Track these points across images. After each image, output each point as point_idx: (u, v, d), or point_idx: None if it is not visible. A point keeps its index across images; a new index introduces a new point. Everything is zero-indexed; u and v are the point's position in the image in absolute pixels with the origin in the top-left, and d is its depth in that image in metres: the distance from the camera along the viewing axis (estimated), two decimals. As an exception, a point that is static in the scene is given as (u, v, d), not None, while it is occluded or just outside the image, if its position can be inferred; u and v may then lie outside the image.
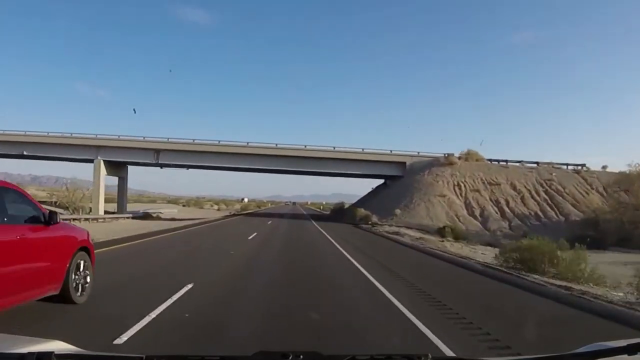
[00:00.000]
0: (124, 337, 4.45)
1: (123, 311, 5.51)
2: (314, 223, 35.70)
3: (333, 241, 19.08)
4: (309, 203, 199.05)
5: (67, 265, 5.47)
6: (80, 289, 5.75)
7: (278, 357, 1.49)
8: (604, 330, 5.76)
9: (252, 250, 14.24)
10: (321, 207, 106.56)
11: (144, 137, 41.50)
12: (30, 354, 1.38)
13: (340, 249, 15.85)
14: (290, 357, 1.48)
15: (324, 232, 25.18)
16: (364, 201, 50.36)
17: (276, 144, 42.73)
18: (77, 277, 5.69)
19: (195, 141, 41.79)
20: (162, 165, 43.49)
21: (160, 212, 43.22)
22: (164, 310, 5.64)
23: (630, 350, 1.53)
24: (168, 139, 42.05)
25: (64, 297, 5.43)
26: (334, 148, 42.24)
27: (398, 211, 36.39)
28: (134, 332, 4.63)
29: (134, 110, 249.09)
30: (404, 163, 43.05)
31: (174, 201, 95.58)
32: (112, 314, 5.42)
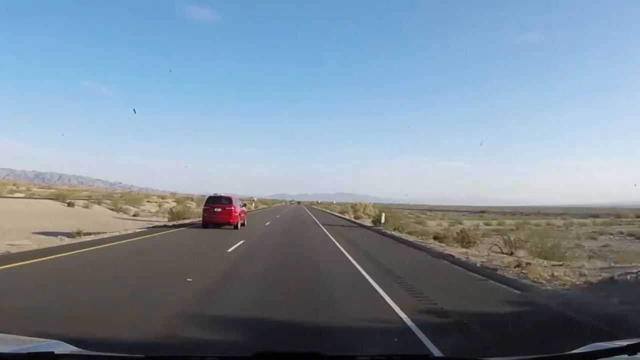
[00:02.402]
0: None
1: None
2: None
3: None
4: (318, 202, 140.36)
5: (245, 216, 25.02)
6: (246, 224, 24.51)
7: (278, 357, 1.49)
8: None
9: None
10: (363, 212, 50.14)
11: None
12: (30, 354, 1.39)
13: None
14: (291, 358, 1.48)
15: None
16: None
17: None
18: (245, 220, 25.10)
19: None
20: None
21: None
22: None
23: (630, 350, 1.53)
24: None
25: (244, 224, 23.58)
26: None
27: None
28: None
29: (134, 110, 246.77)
30: None
31: (109, 196, 61.98)
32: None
